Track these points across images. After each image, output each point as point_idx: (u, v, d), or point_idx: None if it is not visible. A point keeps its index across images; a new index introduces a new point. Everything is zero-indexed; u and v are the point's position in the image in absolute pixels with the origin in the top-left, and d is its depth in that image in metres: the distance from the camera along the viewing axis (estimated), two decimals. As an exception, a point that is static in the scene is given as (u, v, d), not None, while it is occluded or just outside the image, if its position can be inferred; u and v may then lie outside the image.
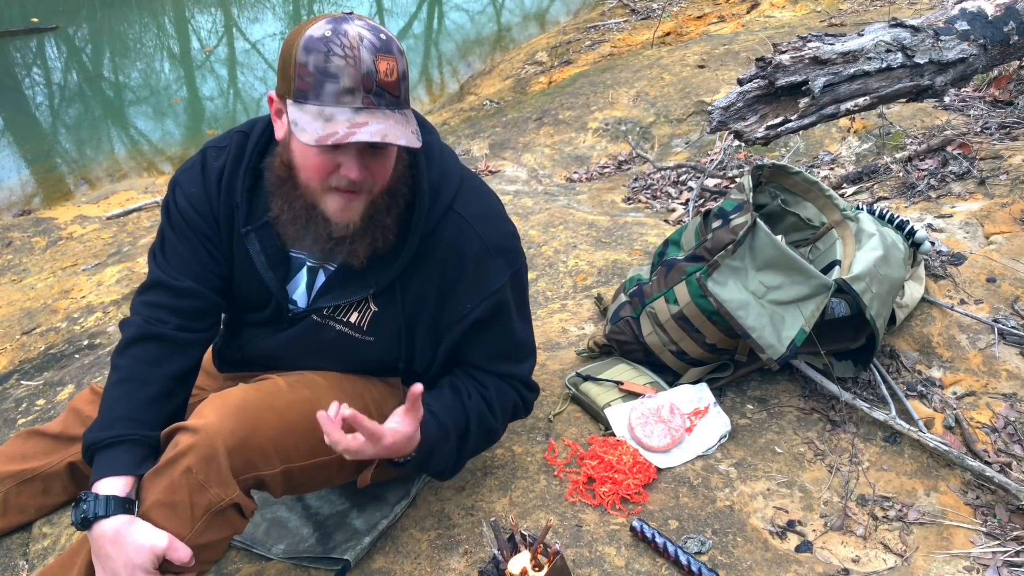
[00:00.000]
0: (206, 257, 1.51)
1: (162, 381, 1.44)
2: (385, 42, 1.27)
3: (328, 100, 1.25)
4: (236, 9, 9.45)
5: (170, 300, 1.49)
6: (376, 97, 1.26)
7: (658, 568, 1.59)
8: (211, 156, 1.52)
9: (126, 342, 1.48)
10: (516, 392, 1.61)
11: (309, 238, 1.38)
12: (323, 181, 1.33)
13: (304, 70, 1.25)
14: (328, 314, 1.51)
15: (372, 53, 1.25)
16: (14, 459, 1.74)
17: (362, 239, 1.39)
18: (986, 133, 3.16)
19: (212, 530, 1.33)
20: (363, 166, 1.31)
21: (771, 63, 2.39)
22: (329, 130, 1.24)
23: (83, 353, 2.67)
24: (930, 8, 4.87)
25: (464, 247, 1.46)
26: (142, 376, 1.44)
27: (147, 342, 1.46)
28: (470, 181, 1.52)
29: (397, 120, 1.28)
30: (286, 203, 1.39)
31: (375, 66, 1.25)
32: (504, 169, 4.12)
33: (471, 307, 1.49)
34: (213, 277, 1.52)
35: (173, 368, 1.46)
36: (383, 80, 1.26)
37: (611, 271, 2.69)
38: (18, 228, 4.23)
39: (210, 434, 1.31)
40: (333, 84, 1.24)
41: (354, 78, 1.24)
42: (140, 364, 1.45)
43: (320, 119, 1.25)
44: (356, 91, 1.25)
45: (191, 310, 1.50)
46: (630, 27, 6.65)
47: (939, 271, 2.33)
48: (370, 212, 1.37)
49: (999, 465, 1.82)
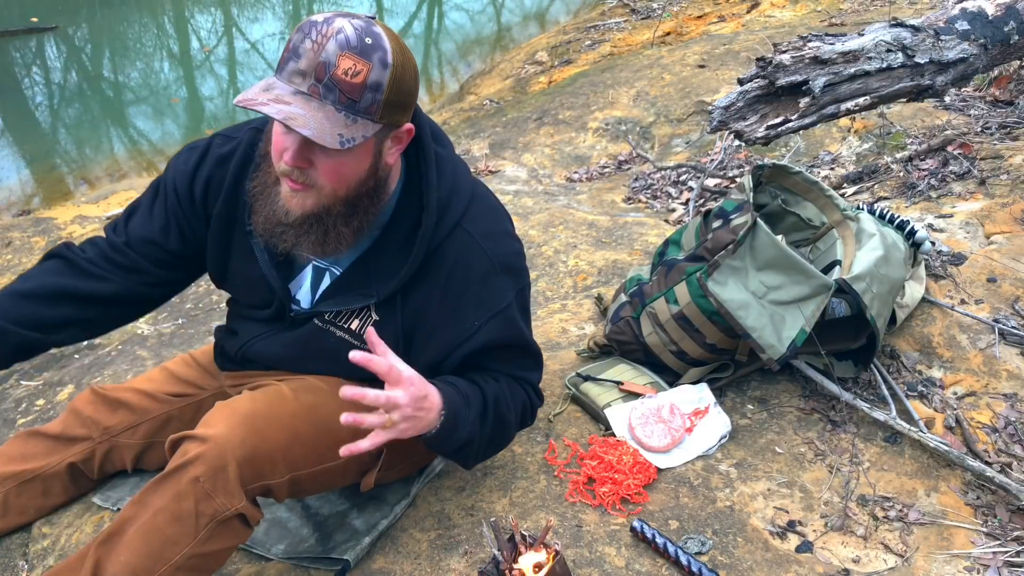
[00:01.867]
0: (158, 230, 1.52)
1: (43, 284, 1.48)
2: (366, 46, 1.23)
3: (284, 75, 1.25)
4: (236, 9, 9.44)
5: (102, 245, 1.54)
6: (325, 89, 1.22)
7: (658, 568, 1.59)
8: (217, 143, 1.52)
9: (41, 258, 1.53)
10: (526, 393, 1.59)
11: (263, 215, 1.39)
12: (277, 163, 1.33)
13: (287, 46, 1.26)
14: (329, 319, 1.50)
15: (339, 48, 1.22)
16: (14, 460, 1.74)
17: (307, 236, 1.37)
18: (986, 133, 3.16)
19: (216, 539, 1.33)
20: (300, 156, 1.28)
21: (771, 63, 2.39)
22: (254, 95, 1.23)
23: (83, 353, 2.67)
24: (930, 8, 4.87)
25: (470, 264, 1.45)
26: (27, 275, 1.49)
27: (52, 259, 1.53)
28: (482, 198, 1.51)
29: (333, 119, 1.23)
30: (262, 177, 1.40)
31: (336, 59, 1.22)
32: (504, 169, 4.11)
33: (479, 324, 1.47)
34: (153, 247, 1.53)
35: (62, 282, 1.48)
36: (339, 76, 1.22)
37: (611, 271, 2.69)
38: (18, 228, 4.23)
39: (219, 444, 1.31)
40: (294, 62, 1.24)
41: (310, 62, 1.22)
42: (35, 271, 1.50)
43: (262, 88, 1.24)
44: (307, 75, 1.23)
45: (112, 259, 1.52)
46: (630, 27, 6.65)
47: (939, 271, 2.32)
48: (319, 213, 1.34)
49: (999, 465, 1.82)
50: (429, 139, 1.44)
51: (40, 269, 1.52)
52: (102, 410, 1.73)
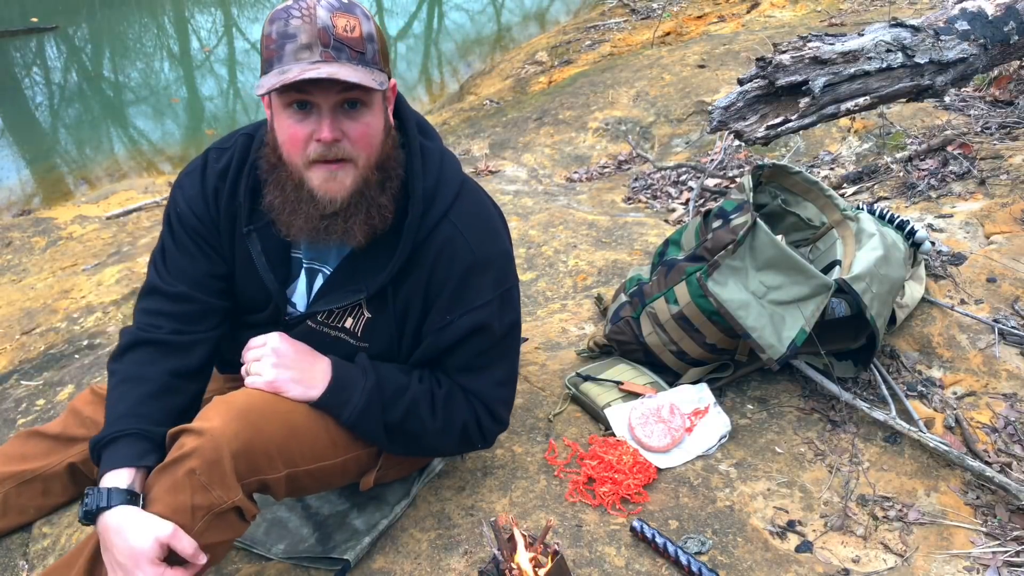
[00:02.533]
0: (203, 261, 1.51)
1: (160, 378, 1.45)
2: (346, 4, 1.29)
3: (288, 59, 1.27)
4: (236, 9, 9.44)
5: (165, 305, 1.50)
6: (335, 51, 1.27)
7: (658, 568, 1.59)
8: (212, 158, 1.52)
9: (121, 349, 1.49)
10: (473, 411, 1.53)
11: (300, 218, 1.38)
12: (302, 152, 1.32)
13: (269, 40, 1.28)
14: (323, 320, 1.51)
15: (329, 11, 1.27)
16: (14, 460, 1.74)
17: (355, 216, 1.37)
18: (986, 133, 3.16)
19: (212, 532, 1.33)
20: (335, 127, 1.30)
21: (771, 63, 2.39)
22: (273, 80, 1.25)
23: (83, 353, 2.67)
24: (930, 8, 4.87)
25: (454, 257, 1.44)
26: (137, 375, 1.45)
27: (141, 347, 1.48)
28: (471, 193, 1.50)
29: (358, 70, 1.27)
30: (278, 188, 1.39)
31: (332, 21, 1.26)
32: (504, 169, 4.11)
33: (451, 319, 1.46)
34: (211, 280, 1.52)
35: (170, 366, 1.46)
36: (341, 35, 1.27)
37: (611, 271, 2.69)
38: (18, 228, 4.23)
39: (215, 437, 1.31)
40: (292, 43, 1.26)
41: (310, 33, 1.26)
42: (135, 366, 1.46)
43: (278, 76, 1.26)
44: (313, 46, 1.26)
45: (187, 314, 1.50)
46: (630, 27, 6.65)
47: (939, 271, 2.33)
48: (360, 187, 1.36)
49: (999, 465, 1.82)
50: (415, 130, 1.45)
51: (139, 364, 1.46)
52: (102, 410, 1.72)
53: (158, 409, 1.43)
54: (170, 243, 1.52)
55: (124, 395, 1.43)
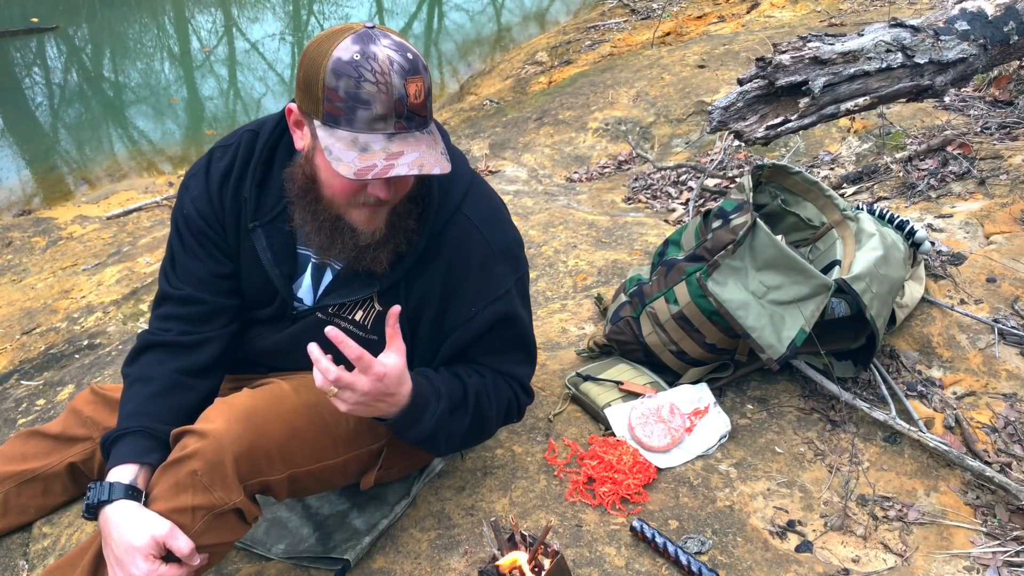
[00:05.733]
0: (209, 262, 1.52)
1: (166, 377, 1.47)
2: (412, 62, 1.26)
3: (360, 127, 1.25)
4: (236, 9, 9.45)
5: (175, 309, 1.52)
6: (407, 121, 1.27)
7: (658, 568, 1.59)
8: (216, 157, 1.53)
9: (133, 354, 1.52)
10: (513, 392, 1.59)
11: (337, 247, 1.39)
12: (351, 198, 1.34)
13: (334, 95, 1.24)
14: (333, 312, 1.51)
15: (402, 77, 1.24)
16: (14, 459, 1.74)
17: (386, 245, 1.40)
18: (986, 133, 3.16)
19: (212, 533, 1.33)
20: (391, 187, 1.32)
21: (771, 63, 2.39)
22: (366, 162, 1.24)
23: (83, 353, 2.67)
24: (930, 8, 4.87)
25: (470, 249, 1.46)
26: (146, 376, 1.48)
27: (151, 350, 1.51)
28: (479, 186, 1.52)
29: (427, 144, 1.28)
30: (309, 214, 1.40)
31: (406, 90, 1.24)
32: (504, 169, 4.11)
33: (475, 311, 1.48)
34: (218, 280, 1.53)
35: (177, 365, 1.48)
36: (413, 104, 1.26)
37: (611, 271, 2.69)
38: (18, 228, 4.23)
39: (217, 439, 1.32)
40: (365, 111, 1.24)
41: (386, 105, 1.24)
42: (144, 368, 1.49)
43: (355, 148, 1.24)
44: (389, 117, 1.25)
45: (196, 315, 1.51)
46: (630, 27, 6.65)
47: (939, 271, 2.33)
48: (393, 220, 1.39)
49: (999, 465, 1.82)
50: None
51: (148, 366, 1.49)
52: (102, 410, 1.73)
53: (164, 407, 1.44)
54: (177, 246, 1.54)
55: (132, 396, 1.46)
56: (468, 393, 1.50)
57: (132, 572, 1.27)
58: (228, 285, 1.54)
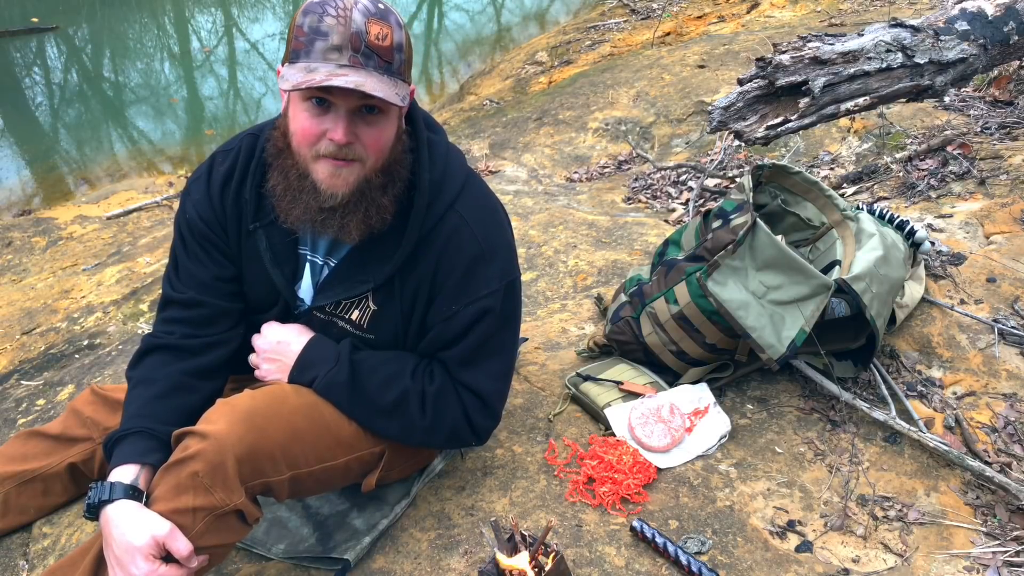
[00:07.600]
0: (212, 265, 1.53)
1: (169, 378, 1.48)
2: (382, 11, 1.30)
3: (316, 56, 1.28)
4: (236, 9, 9.45)
5: (178, 312, 1.53)
6: (364, 58, 1.28)
7: (658, 568, 1.59)
8: (218, 161, 1.54)
9: (136, 356, 1.53)
10: (462, 407, 1.52)
11: (299, 207, 1.39)
12: (312, 147, 1.34)
13: (300, 31, 1.29)
14: (330, 311, 1.52)
15: (364, 16, 1.28)
16: (14, 460, 1.74)
17: (353, 214, 1.38)
18: (986, 133, 3.16)
19: (212, 534, 1.33)
20: (350, 131, 1.32)
21: (771, 63, 2.39)
22: (309, 77, 1.26)
23: (83, 353, 2.67)
24: (930, 8, 4.87)
25: (461, 246, 1.46)
26: (148, 378, 1.49)
27: (154, 352, 1.51)
28: (476, 185, 1.52)
29: (380, 79, 1.28)
30: (281, 174, 1.41)
31: (366, 27, 1.27)
32: (504, 169, 4.11)
33: (456, 309, 1.47)
34: (220, 283, 1.54)
35: (180, 367, 1.49)
36: (373, 42, 1.28)
37: (611, 271, 2.69)
38: (18, 228, 4.23)
39: (219, 440, 1.32)
40: (322, 41, 1.27)
41: (343, 36, 1.27)
42: (147, 370, 1.50)
43: (304, 72, 1.27)
44: (344, 48, 1.27)
45: (199, 318, 1.52)
46: (630, 27, 6.65)
47: (939, 271, 2.33)
48: (362, 187, 1.37)
49: (999, 465, 1.82)
50: (422, 124, 1.47)
51: (151, 368, 1.49)
52: (102, 410, 1.73)
53: (166, 409, 1.45)
54: (180, 251, 1.55)
55: (135, 397, 1.47)
56: (399, 379, 1.48)
57: (132, 572, 1.27)
58: (231, 288, 1.55)
